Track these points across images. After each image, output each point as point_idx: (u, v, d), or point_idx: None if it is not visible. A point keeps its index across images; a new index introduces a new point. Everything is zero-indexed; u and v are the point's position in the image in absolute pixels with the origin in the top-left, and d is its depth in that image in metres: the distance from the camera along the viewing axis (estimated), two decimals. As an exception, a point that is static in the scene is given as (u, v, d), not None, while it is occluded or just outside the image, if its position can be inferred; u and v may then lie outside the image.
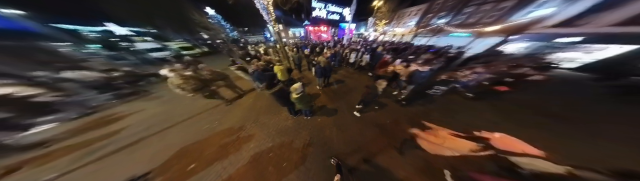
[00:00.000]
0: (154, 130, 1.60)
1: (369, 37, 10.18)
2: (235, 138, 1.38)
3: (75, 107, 2.12)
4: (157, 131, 1.59)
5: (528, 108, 1.61)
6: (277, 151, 1.21)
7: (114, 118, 1.90)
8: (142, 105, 2.19)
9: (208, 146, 1.32)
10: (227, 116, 1.73)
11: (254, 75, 1.60)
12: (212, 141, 1.37)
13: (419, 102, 1.67)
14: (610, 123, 1.40)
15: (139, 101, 2.38)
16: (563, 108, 1.53)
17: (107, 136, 1.58)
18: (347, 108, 1.76)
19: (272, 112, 1.75)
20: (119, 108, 2.15)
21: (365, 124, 1.46)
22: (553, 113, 1.41)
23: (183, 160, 1.20)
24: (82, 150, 1.41)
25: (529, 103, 1.72)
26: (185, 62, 2.46)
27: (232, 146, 1.30)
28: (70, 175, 1.19)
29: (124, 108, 2.14)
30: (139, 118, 1.86)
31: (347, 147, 1.20)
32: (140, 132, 1.58)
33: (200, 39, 11.08)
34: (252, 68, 1.61)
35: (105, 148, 1.40)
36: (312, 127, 1.48)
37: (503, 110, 1.58)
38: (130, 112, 2.00)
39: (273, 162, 1.12)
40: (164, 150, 1.30)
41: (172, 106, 2.10)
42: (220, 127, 1.55)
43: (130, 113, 1.97)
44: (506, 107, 1.63)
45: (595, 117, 1.48)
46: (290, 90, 1.05)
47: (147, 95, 2.57)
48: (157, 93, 2.65)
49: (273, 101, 1.92)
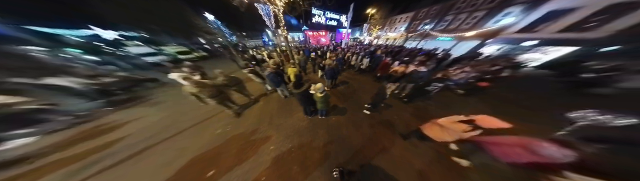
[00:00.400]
0: (159, 137, 1.54)
1: (364, 41, 11.63)
2: (252, 141, 1.39)
3: (59, 117, 1.93)
4: (164, 138, 1.53)
5: (509, 103, 1.93)
6: (298, 151, 1.25)
7: (109, 128, 1.78)
8: (141, 112, 2.09)
9: (225, 151, 1.31)
10: (239, 120, 1.73)
11: (269, 77, 1.68)
12: (228, 145, 1.36)
13: (418, 98, 1.88)
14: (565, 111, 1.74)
15: (137, 108, 2.26)
16: (532, 102, 1.88)
17: (104, 147, 1.48)
18: (356, 107, 1.90)
19: (284, 113, 1.80)
20: (115, 116, 2.02)
21: (375, 121, 1.60)
22: (526, 106, 1.69)
23: (199, 167, 1.17)
24: (76, 164, 1.30)
25: (508, 98, 2.06)
26: (188, 66, 2.39)
27: (250, 150, 1.31)
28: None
29: (120, 116, 2.01)
30: (140, 125, 1.77)
31: (365, 143, 1.29)
32: (144, 141, 1.51)
33: (196, 43, 11.07)
34: (268, 71, 1.69)
35: (104, 160, 1.31)
36: (328, 125, 1.56)
37: (490, 104, 1.88)
38: (128, 120, 1.89)
39: (297, 162, 1.15)
40: (175, 159, 1.26)
41: (176, 112, 2.03)
42: (234, 131, 1.55)
43: (129, 121, 1.87)
44: (491, 101, 1.93)
45: (555, 107, 1.82)
46: (313, 90, 1.16)
47: (145, 101, 2.45)
48: (156, 99, 2.54)
49: (283, 103, 2.03)
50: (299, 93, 1.22)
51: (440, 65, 3.09)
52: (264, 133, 1.50)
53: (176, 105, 2.23)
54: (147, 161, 1.27)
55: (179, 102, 2.31)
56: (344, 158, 1.15)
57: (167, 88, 3.01)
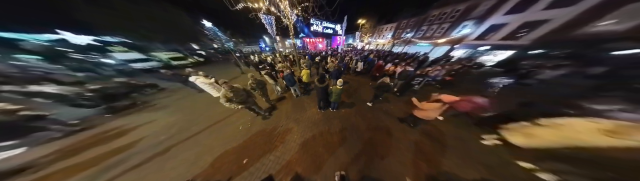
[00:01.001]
0: (180, 137, 1.62)
1: (357, 46, 13.66)
2: (276, 134, 1.60)
3: (54, 125, 1.85)
4: (186, 138, 1.62)
5: (469, 90, 2.66)
6: (320, 137, 1.52)
7: (118, 133, 1.79)
8: (148, 117, 2.11)
9: (252, 143, 1.48)
10: (257, 117, 1.91)
11: (286, 77, 2.00)
12: (254, 139, 1.54)
13: (407, 92, 2.43)
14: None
15: (142, 113, 2.26)
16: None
17: (119, 150, 1.51)
18: (360, 101, 2.30)
19: (299, 110, 2.07)
20: (118, 122, 2.01)
21: (377, 111, 2.02)
22: (484, 95, 2.38)
23: (231, 158, 1.31)
24: (92, 169, 1.31)
25: (468, 87, 2.83)
26: (191, 72, 2.39)
27: (277, 140, 1.52)
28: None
29: (124, 122, 2.01)
30: (153, 129, 1.81)
31: (371, 127, 1.65)
32: (164, 142, 1.57)
33: (190, 49, 10.89)
34: (286, 72, 2.02)
35: (125, 162, 1.36)
36: (340, 116, 1.89)
37: (456, 92, 2.60)
38: (137, 124, 1.91)
39: (321, 145, 1.42)
40: (204, 154, 1.36)
41: (189, 114, 2.11)
42: (256, 127, 1.72)
43: (138, 126, 1.89)
44: (458, 90, 2.63)
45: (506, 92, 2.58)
46: (333, 84, 1.55)
47: (149, 107, 2.46)
48: (159, 104, 2.56)
49: (296, 102, 2.34)
50: (321, 87, 1.56)
51: (422, 65, 3.86)
52: (285, 127, 1.73)
53: (184, 108, 2.30)
54: (175, 158, 1.36)
55: (186, 105, 2.38)
56: (357, 139, 1.47)
57: (168, 93, 3.01)
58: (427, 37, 8.20)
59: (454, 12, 6.77)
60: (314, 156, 1.29)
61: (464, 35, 6.36)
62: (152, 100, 2.71)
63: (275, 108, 2.15)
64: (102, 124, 1.98)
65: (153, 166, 1.30)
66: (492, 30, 5.54)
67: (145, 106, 2.46)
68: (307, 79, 2.32)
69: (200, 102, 2.47)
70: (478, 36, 5.91)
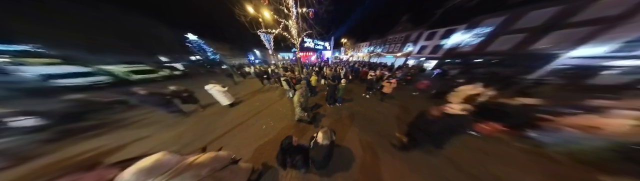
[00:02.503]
0: (197, 144, 1.58)
1: (342, 59, 18.73)
2: (301, 127, 1.95)
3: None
4: (207, 142, 1.63)
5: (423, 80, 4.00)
6: (336, 123, 2.03)
7: (98, 154, 1.52)
8: (135, 134, 1.83)
9: (282, 137, 1.73)
10: (274, 118, 2.17)
11: (300, 82, 2.64)
12: (282, 133, 1.80)
13: (385, 93, 3.56)
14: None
15: (121, 131, 1.92)
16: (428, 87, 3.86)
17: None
18: (357, 96, 3.18)
19: (312, 107, 2.57)
20: (92, 144, 1.68)
21: (372, 100, 2.96)
22: (428, 80, 3.61)
23: (265, 150, 1.50)
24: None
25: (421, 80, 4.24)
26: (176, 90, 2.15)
27: (306, 130, 1.88)
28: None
29: (101, 143, 1.69)
30: (152, 144, 1.64)
31: (370, 112, 2.38)
32: (180, 149, 1.51)
33: (158, 61, 10.10)
34: (302, 77, 2.72)
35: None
36: (346, 108, 2.55)
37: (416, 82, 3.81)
38: (122, 143, 1.64)
39: (339, 127, 1.91)
40: (239, 150, 1.48)
41: (195, 124, 2.00)
42: (280, 124, 2.01)
43: (127, 144, 1.65)
44: (416, 82, 3.95)
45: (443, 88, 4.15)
46: (338, 82, 2.32)
47: (128, 124, 2.10)
48: (140, 120, 2.18)
49: (310, 101, 2.86)
50: (334, 85, 2.31)
51: (391, 70, 5.85)
52: (307, 120, 2.15)
53: (181, 121, 2.08)
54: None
55: (186, 119, 2.13)
56: (361, 120, 2.10)
57: (144, 110, 2.45)
58: (390, 51, 12.66)
59: (400, 37, 11.51)
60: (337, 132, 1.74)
61: (410, 51, 10.61)
62: (126, 116, 2.33)
63: (289, 106, 2.59)
64: (57, 151, 1.58)
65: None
66: (423, 49, 9.53)
67: (122, 124, 2.09)
68: (315, 83, 3.06)
69: (205, 114, 2.31)
70: (417, 52, 9.99)
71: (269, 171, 1.20)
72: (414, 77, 4.44)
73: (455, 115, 0.88)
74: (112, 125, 2.08)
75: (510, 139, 1.51)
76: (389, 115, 2.25)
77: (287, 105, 2.70)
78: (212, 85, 2.34)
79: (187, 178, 0.51)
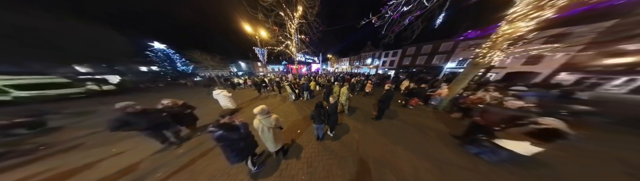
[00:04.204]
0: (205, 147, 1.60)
1: (329, 70, 23.51)
2: (307, 122, 2.76)
3: None
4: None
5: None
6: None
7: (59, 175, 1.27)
8: (94, 154, 1.58)
9: (297, 127, 2.38)
10: (282, 115, 2.80)
11: (305, 85, 3.82)
12: (297, 123, 2.50)
13: (366, 91, 5.02)
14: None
15: (57, 157, 1.57)
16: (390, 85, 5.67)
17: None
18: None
19: (312, 106, 3.57)
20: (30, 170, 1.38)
21: (356, 97, 4.25)
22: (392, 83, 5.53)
23: (288, 134, 1.99)
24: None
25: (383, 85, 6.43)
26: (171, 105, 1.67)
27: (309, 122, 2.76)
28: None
29: (49, 166, 1.40)
30: (144, 154, 1.51)
31: (356, 103, 3.53)
32: (191, 152, 1.52)
33: (73, 72, 7.60)
34: (302, 82, 3.91)
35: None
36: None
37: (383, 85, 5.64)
38: (72, 167, 1.38)
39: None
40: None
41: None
42: (290, 118, 2.75)
43: (93, 163, 1.41)
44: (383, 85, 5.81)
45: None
46: (332, 85, 3.66)
47: (70, 149, 1.71)
48: (86, 144, 1.80)
49: (308, 102, 3.90)
50: (328, 86, 3.52)
51: (368, 77, 8.06)
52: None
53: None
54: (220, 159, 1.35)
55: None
56: (352, 108, 3.17)
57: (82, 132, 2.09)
58: (365, 64, 17.93)
59: (369, 55, 17.08)
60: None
61: (377, 64, 15.44)
62: (52, 140, 1.93)
63: (294, 107, 3.46)
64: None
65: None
66: (384, 62, 14.29)
67: (61, 149, 1.70)
68: (314, 88, 4.34)
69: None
70: (381, 64, 15.40)
71: (294, 144, 1.73)
72: (382, 80, 6.56)
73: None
74: (31, 154, 1.62)
75: (424, 106, 3.25)
76: (368, 104, 3.48)
77: (291, 106, 3.39)
78: (219, 91, 2.55)
79: (271, 120, 1.09)
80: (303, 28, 4.69)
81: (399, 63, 12.86)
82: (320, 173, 1.23)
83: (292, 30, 4.64)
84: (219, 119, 0.93)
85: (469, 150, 1.46)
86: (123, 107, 1.30)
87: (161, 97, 1.73)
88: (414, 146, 1.64)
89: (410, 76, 8.88)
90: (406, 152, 1.52)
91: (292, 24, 4.38)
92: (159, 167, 1.33)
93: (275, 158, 1.44)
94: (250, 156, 1.18)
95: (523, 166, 1.23)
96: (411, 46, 11.64)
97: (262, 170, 1.28)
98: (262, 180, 1.19)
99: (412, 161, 1.37)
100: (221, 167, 1.32)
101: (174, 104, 1.69)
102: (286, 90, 3.88)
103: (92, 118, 2.95)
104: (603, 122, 2.15)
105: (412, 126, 2.21)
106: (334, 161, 1.39)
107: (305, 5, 3.91)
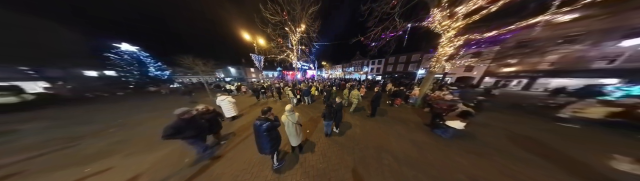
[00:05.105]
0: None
1: (324, 76, 25.52)
2: (317, 117, 3.25)
3: None
4: (238, 142, 1.94)
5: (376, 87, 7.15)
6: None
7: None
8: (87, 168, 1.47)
9: (306, 127, 2.79)
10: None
11: (304, 91, 4.32)
12: (305, 126, 2.87)
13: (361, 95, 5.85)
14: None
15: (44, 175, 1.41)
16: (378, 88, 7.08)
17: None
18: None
19: (314, 109, 4.01)
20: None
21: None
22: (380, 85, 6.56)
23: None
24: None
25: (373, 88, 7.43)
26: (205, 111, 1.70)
27: (317, 121, 3.19)
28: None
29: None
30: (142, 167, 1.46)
31: (358, 106, 3.98)
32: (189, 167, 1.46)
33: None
34: (305, 87, 4.41)
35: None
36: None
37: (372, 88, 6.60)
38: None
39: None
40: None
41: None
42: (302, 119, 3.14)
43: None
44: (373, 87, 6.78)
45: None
46: (331, 89, 4.32)
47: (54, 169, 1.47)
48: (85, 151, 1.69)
49: (309, 106, 4.28)
50: (328, 90, 4.21)
51: (360, 82, 9.39)
52: (317, 115, 3.48)
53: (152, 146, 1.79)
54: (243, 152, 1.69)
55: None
56: (358, 111, 3.71)
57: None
58: (356, 71, 20.04)
59: (359, 62, 19.48)
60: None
61: (366, 71, 17.71)
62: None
63: (298, 111, 3.87)
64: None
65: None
66: (372, 69, 16.64)
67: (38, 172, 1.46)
68: (314, 92, 4.87)
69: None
70: (369, 71, 17.92)
71: (307, 141, 2.02)
72: (372, 85, 7.70)
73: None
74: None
75: (405, 104, 4.14)
76: (363, 105, 4.09)
77: (295, 110, 3.57)
78: (224, 97, 2.54)
79: (295, 116, 1.38)
80: (303, 40, 5.64)
81: (384, 69, 15.59)
82: (334, 160, 1.57)
83: (294, 42, 5.44)
84: (261, 116, 1.23)
85: (435, 132, 2.17)
86: (181, 113, 1.25)
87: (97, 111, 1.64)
88: (400, 135, 2.20)
89: (393, 80, 10.47)
90: (396, 139, 2.04)
91: (294, 37, 5.24)
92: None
93: (292, 153, 1.69)
94: (277, 152, 1.34)
95: (461, 138, 2.01)
96: (392, 56, 14.71)
97: (282, 165, 1.50)
98: (287, 172, 1.41)
99: (401, 145, 1.88)
100: (242, 168, 1.42)
101: (207, 110, 1.67)
102: (286, 95, 4.24)
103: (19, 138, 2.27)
104: (493, 106, 3.56)
105: (398, 120, 2.87)
106: (343, 151, 1.74)
107: (307, 23, 4.92)
